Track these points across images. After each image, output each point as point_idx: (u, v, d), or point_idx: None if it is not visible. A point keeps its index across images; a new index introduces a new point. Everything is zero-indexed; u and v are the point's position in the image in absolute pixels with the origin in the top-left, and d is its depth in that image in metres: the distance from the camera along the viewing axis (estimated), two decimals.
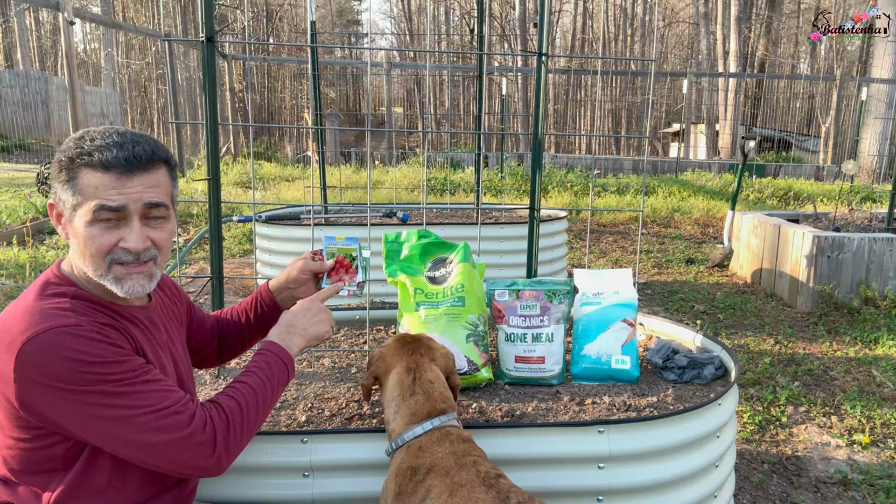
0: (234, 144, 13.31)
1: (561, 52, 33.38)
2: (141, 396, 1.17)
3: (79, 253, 1.24)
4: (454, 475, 1.32)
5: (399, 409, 1.50)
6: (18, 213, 6.93)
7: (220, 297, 2.02)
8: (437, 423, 1.46)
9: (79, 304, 1.22)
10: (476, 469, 1.34)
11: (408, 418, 1.48)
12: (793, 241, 5.08)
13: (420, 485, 1.34)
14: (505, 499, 1.28)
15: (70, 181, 1.21)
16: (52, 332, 1.12)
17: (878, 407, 3.39)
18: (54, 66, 22.59)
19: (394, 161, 12.67)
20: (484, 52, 3.62)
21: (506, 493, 1.29)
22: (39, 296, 1.21)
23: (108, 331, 1.20)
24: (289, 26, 26.96)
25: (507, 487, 1.31)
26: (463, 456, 1.39)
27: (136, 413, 1.16)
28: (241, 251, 6.42)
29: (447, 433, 1.45)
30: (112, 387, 1.14)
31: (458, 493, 1.28)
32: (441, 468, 1.35)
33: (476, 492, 1.28)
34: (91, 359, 1.13)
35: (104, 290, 1.27)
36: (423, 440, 1.43)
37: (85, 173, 1.20)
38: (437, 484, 1.32)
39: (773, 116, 17.43)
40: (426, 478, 1.35)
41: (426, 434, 1.44)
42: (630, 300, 2.10)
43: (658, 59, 24.97)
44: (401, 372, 1.56)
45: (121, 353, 1.18)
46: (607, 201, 9.21)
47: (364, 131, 5.01)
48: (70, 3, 6.95)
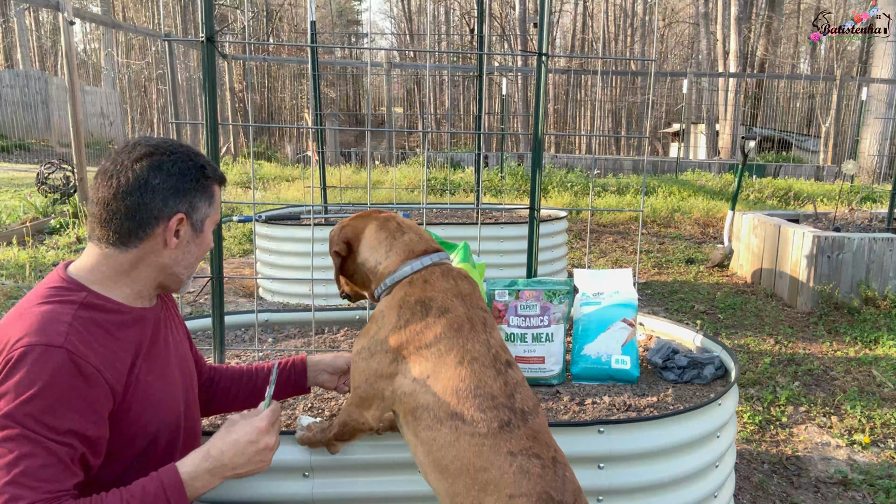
0: (234, 144, 13.31)
1: (561, 52, 33.37)
2: (20, 451, 1.07)
3: (193, 259, 1.33)
4: (466, 338, 1.26)
5: (392, 247, 1.41)
6: (18, 213, 6.93)
7: (221, 297, 2.02)
8: (436, 259, 1.39)
9: (82, 316, 1.18)
10: (487, 337, 1.28)
11: (405, 254, 1.39)
12: (793, 241, 5.08)
13: (430, 326, 1.27)
14: (510, 395, 1.22)
15: (207, 194, 1.32)
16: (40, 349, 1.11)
17: (878, 407, 3.39)
18: (54, 66, 22.59)
19: (394, 161, 12.67)
20: (484, 52, 3.62)
21: (512, 388, 1.24)
22: (44, 302, 1.19)
23: (93, 355, 1.15)
24: (289, 26, 26.95)
25: (514, 383, 1.25)
26: (469, 297, 1.33)
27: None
28: (241, 251, 6.41)
29: (449, 269, 1.37)
30: (9, 421, 1.08)
31: (469, 365, 1.23)
32: (453, 317, 1.28)
33: (486, 374, 1.23)
34: (29, 390, 1.08)
35: (125, 293, 1.27)
36: (425, 274, 1.35)
37: (217, 190, 1.35)
38: (448, 338, 1.26)
39: (773, 116, 17.43)
40: (438, 321, 1.28)
41: (426, 269, 1.36)
42: (630, 300, 2.10)
43: (658, 59, 24.99)
44: (379, 222, 1.46)
45: (66, 401, 1.11)
46: (607, 201, 9.21)
47: (364, 131, 5.02)
48: (70, 3, 6.95)
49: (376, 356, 1.31)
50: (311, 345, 2.37)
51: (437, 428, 1.21)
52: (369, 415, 1.35)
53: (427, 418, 1.22)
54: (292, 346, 2.39)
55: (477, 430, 1.17)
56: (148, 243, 1.26)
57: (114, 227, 1.23)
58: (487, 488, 1.14)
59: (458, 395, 1.20)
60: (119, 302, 1.26)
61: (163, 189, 1.24)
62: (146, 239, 1.25)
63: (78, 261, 1.28)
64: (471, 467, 1.16)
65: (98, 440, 1.16)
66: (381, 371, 1.30)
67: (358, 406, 1.36)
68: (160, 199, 1.24)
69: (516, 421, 1.19)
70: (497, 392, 1.21)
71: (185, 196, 1.27)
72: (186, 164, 1.28)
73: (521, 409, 1.21)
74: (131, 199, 1.22)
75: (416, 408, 1.24)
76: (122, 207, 1.22)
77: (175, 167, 1.26)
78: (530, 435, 1.19)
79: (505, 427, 1.18)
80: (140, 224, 1.23)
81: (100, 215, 1.23)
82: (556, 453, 1.21)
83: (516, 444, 1.16)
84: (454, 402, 1.20)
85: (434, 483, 1.24)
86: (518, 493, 1.12)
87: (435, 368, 1.24)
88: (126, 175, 1.23)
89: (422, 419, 1.23)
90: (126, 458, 1.24)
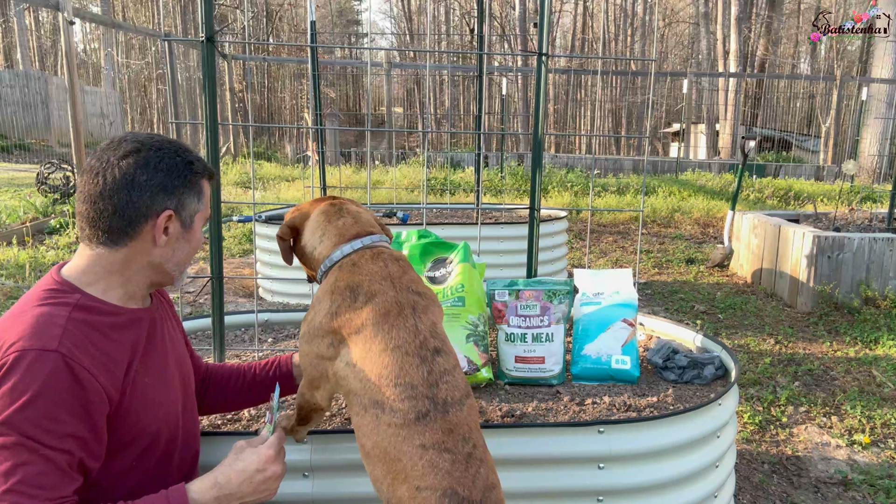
0: (234, 144, 13.31)
1: (561, 52, 33.37)
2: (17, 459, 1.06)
3: (184, 256, 1.32)
4: (391, 324, 1.25)
5: (325, 232, 1.41)
6: (18, 213, 6.93)
7: (220, 297, 2.02)
8: (367, 242, 1.39)
9: (76, 319, 1.17)
10: (415, 322, 1.27)
11: (336, 238, 1.39)
12: (793, 241, 5.08)
13: (358, 312, 1.27)
14: (432, 385, 1.21)
15: (196, 190, 1.30)
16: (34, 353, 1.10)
17: (878, 407, 3.39)
18: (54, 65, 22.58)
19: (394, 161, 12.67)
20: (484, 52, 3.62)
21: (436, 377, 1.22)
22: (38, 305, 1.18)
23: (88, 359, 1.15)
24: (289, 26, 26.96)
25: (440, 371, 1.24)
26: (399, 280, 1.32)
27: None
28: (241, 251, 6.41)
29: (379, 252, 1.37)
30: (4, 428, 1.07)
31: (393, 353, 1.23)
32: (380, 302, 1.27)
33: (408, 363, 1.22)
34: (23, 396, 1.07)
35: (120, 295, 1.26)
36: (354, 258, 1.35)
37: (206, 184, 1.33)
38: (373, 325, 1.25)
39: (773, 116, 17.43)
40: (365, 306, 1.28)
41: (356, 252, 1.36)
42: (630, 300, 2.10)
43: (658, 59, 24.98)
44: (323, 207, 1.47)
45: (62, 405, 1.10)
46: (607, 201, 9.21)
47: (364, 131, 5.01)
48: (70, 2, 6.95)
49: (315, 340, 1.32)
50: None
51: (362, 414, 1.23)
52: (319, 395, 1.37)
53: (355, 404, 1.25)
54: (292, 346, 2.39)
55: (394, 420, 1.19)
56: (137, 241, 1.24)
57: (102, 226, 1.22)
58: (399, 477, 1.17)
59: (380, 382, 1.21)
60: (114, 304, 1.25)
61: (150, 186, 1.22)
62: (135, 237, 1.23)
63: (71, 262, 1.27)
64: (386, 456, 1.18)
65: (95, 444, 1.16)
66: (322, 353, 1.31)
67: (308, 388, 1.38)
68: (148, 196, 1.22)
69: (434, 412, 1.19)
70: (418, 382, 1.21)
71: (173, 192, 1.25)
72: (174, 160, 1.26)
73: (443, 399, 1.21)
74: (118, 197, 1.21)
75: (349, 392, 1.27)
76: (110, 206, 1.21)
77: (162, 163, 1.24)
78: (446, 428, 1.19)
79: (421, 419, 1.18)
80: (129, 222, 1.22)
81: (87, 214, 1.22)
82: (473, 448, 1.20)
83: (430, 437, 1.17)
84: (376, 390, 1.21)
85: (365, 465, 1.26)
86: (425, 486, 1.14)
87: (362, 355, 1.25)
88: (113, 172, 1.21)
89: (353, 404, 1.26)
90: (126, 458, 1.24)
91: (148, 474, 1.27)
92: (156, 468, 1.29)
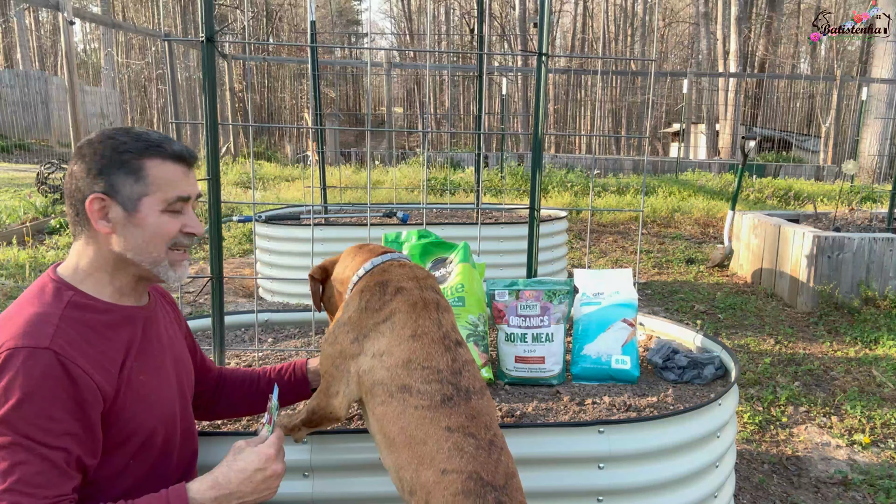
0: (233, 144, 13.31)
1: (561, 52, 33.38)
2: (14, 458, 1.06)
3: (141, 242, 1.25)
4: (419, 314, 1.33)
5: (355, 255, 1.53)
6: (18, 213, 6.93)
7: (220, 297, 2.02)
8: (395, 257, 1.49)
9: (69, 317, 1.18)
10: (438, 316, 1.35)
11: (366, 255, 1.50)
12: (793, 241, 5.08)
13: (387, 304, 1.35)
14: (457, 372, 1.28)
15: (134, 172, 1.23)
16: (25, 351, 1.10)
17: (878, 407, 3.39)
18: (54, 65, 22.58)
19: (394, 161, 12.67)
20: (484, 52, 3.62)
21: (460, 366, 1.29)
22: (31, 304, 1.19)
23: (81, 356, 1.15)
24: (289, 26, 26.95)
25: (462, 360, 1.31)
26: (424, 281, 1.41)
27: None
28: (241, 251, 6.41)
29: (405, 262, 1.47)
30: (2, 428, 1.07)
31: (419, 339, 1.30)
32: (407, 296, 1.36)
33: (434, 349, 1.29)
34: (17, 394, 1.07)
35: (111, 291, 1.27)
36: (383, 266, 1.45)
37: (154, 164, 1.24)
38: (402, 312, 1.33)
39: (773, 116, 17.43)
40: (394, 298, 1.35)
41: (385, 262, 1.46)
42: (630, 300, 2.10)
43: (658, 59, 24.99)
44: (353, 246, 1.58)
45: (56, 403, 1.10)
46: (607, 201, 9.21)
47: (364, 131, 5.01)
48: (70, 3, 6.95)
49: (340, 337, 1.37)
50: (310, 345, 2.37)
51: (388, 402, 1.26)
52: (336, 402, 1.38)
53: (381, 393, 1.28)
54: (292, 346, 2.39)
55: (421, 403, 1.23)
56: (89, 231, 1.25)
57: (70, 221, 1.27)
58: (425, 461, 1.19)
59: (407, 367, 1.27)
60: (107, 301, 1.26)
61: (80, 173, 1.23)
62: (86, 226, 1.25)
63: (65, 261, 1.29)
64: (413, 440, 1.22)
65: (91, 441, 1.15)
66: (346, 351, 1.35)
67: (325, 393, 1.39)
68: (82, 184, 1.23)
69: (458, 398, 1.25)
70: (443, 367, 1.27)
71: (99, 176, 1.22)
72: (105, 145, 1.24)
73: (466, 387, 1.27)
74: (68, 189, 1.26)
75: (373, 385, 1.30)
76: (67, 199, 1.27)
77: (91, 149, 1.24)
78: (469, 414, 1.23)
79: (447, 402, 1.23)
80: (76, 211, 1.25)
81: (67, 212, 1.28)
82: (494, 437, 1.24)
83: (455, 420, 1.22)
84: (404, 374, 1.26)
85: (385, 458, 1.29)
86: (450, 469, 1.17)
87: (390, 343, 1.31)
88: (71, 167, 1.27)
89: (377, 395, 1.28)
90: (123, 455, 1.24)
91: (146, 472, 1.27)
92: (154, 466, 1.29)
